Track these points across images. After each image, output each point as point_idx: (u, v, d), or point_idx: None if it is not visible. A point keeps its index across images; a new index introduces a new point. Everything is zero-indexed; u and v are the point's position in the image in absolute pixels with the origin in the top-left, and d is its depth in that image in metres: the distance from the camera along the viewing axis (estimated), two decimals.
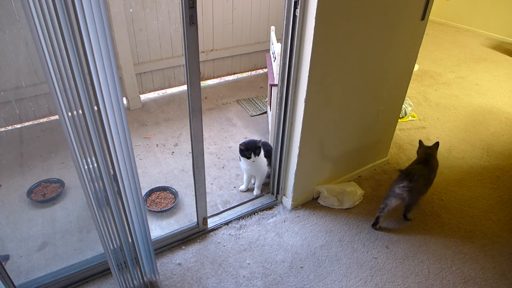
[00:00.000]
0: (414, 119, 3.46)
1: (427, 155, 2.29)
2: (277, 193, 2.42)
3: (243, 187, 2.50)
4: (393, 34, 2.13)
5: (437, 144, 2.34)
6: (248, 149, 2.22)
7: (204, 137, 2.26)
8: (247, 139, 2.33)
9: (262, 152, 2.30)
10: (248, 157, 2.23)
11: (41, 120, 3.11)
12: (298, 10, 1.77)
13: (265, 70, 4.32)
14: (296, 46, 1.86)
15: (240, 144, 2.27)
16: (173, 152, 2.85)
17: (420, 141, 2.39)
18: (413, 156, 2.92)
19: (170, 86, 3.74)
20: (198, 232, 2.15)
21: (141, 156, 2.79)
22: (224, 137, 3.08)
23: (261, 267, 1.98)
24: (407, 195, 2.13)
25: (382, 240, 2.18)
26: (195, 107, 1.70)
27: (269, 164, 2.40)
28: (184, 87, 3.68)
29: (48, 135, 2.97)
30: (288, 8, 1.81)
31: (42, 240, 2.06)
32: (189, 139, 1.82)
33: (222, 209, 2.33)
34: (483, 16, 5.85)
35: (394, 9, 2.03)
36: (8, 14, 2.65)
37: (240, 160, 2.37)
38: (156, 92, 3.70)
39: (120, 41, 3.06)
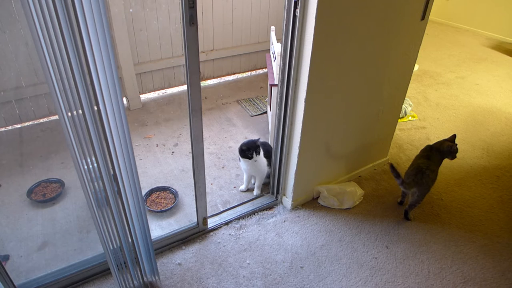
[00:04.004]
0: (414, 119, 3.46)
1: (433, 149, 2.29)
2: (277, 193, 2.42)
3: (243, 187, 2.50)
4: (393, 34, 2.13)
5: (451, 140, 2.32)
6: (250, 149, 2.22)
7: (204, 137, 2.26)
8: (245, 140, 2.32)
9: (261, 152, 2.30)
10: (250, 157, 2.23)
11: (41, 120, 3.11)
12: (298, 10, 1.77)
13: (265, 70, 4.32)
14: (296, 46, 1.86)
15: (241, 145, 2.26)
16: (173, 152, 2.85)
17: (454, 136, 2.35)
18: (413, 156, 2.93)
19: (170, 86, 3.74)
20: (198, 232, 2.15)
21: (141, 156, 2.79)
22: (224, 137, 3.08)
23: (261, 267, 1.98)
24: (417, 189, 2.18)
25: (382, 240, 2.18)
26: (195, 107, 1.70)
27: (269, 164, 2.40)
28: (184, 87, 3.68)
29: (48, 135, 2.97)
30: (288, 8, 1.81)
31: (42, 240, 2.06)
32: (189, 139, 1.82)
33: (222, 209, 2.33)
34: (483, 16, 5.85)
35: (394, 9, 2.03)
36: (8, 14, 2.65)
37: (240, 160, 2.37)
38: (156, 92, 3.70)
39: (120, 41, 3.06)
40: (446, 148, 2.27)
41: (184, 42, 1.52)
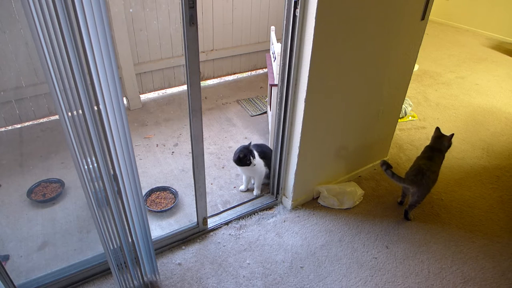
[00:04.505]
0: (414, 119, 3.46)
1: (434, 150, 2.29)
2: (277, 193, 2.42)
3: (243, 187, 2.50)
4: (393, 34, 2.13)
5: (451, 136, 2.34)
6: (246, 155, 2.22)
7: (204, 137, 2.26)
8: (236, 150, 2.32)
9: (256, 154, 2.30)
10: (249, 164, 2.23)
11: (41, 120, 3.11)
12: (298, 10, 1.77)
13: (265, 70, 4.32)
14: (296, 46, 1.86)
15: (237, 154, 2.25)
16: (173, 152, 2.85)
17: (437, 128, 2.39)
18: (413, 156, 2.92)
19: (170, 86, 3.74)
20: (198, 232, 2.15)
21: (141, 156, 2.79)
22: (224, 137, 3.08)
23: (261, 267, 1.98)
24: (417, 190, 2.17)
25: (382, 240, 2.18)
26: (195, 107, 1.70)
27: (266, 164, 2.39)
28: (184, 87, 3.68)
29: (48, 135, 2.97)
30: (288, 8, 1.81)
31: (42, 240, 2.06)
32: (189, 139, 1.82)
33: (222, 209, 2.33)
34: (483, 16, 5.85)
35: (394, 9, 2.03)
36: (8, 14, 2.65)
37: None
38: (156, 92, 3.70)
39: (120, 41, 3.06)
40: (447, 144, 2.30)
41: (184, 42, 1.52)
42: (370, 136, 2.55)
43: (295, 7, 1.78)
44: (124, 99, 3.41)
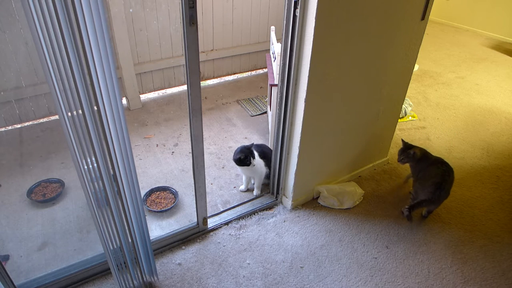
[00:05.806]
0: (414, 119, 3.46)
1: (444, 172, 2.29)
2: (277, 193, 2.42)
3: (243, 187, 2.50)
4: (393, 34, 2.13)
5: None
6: (247, 156, 2.22)
7: (204, 137, 2.26)
8: (237, 149, 2.31)
9: (256, 154, 2.30)
10: (249, 164, 2.23)
11: (41, 120, 3.11)
12: (298, 10, 1.77)
13: (265, 70, 4.32)
14: (296, 46, 1.86)
15: (237, 154, 2.25)
16: (173, 152, 2.85)
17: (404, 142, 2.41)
18: None
19: (170, 86, 3.74)
20: (198, 232, 2.15)
21: (141, 156, 2.79)
22: (224, 137, 3.08)
23: (261, 267, 1.98)
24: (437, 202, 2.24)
25: (382, 240, 2.18)
26: (195, 107, 1.70)
27: (266, 164, 2.39)
28: (184, 87, 3.68)
29: (48, 135, 2.97)
30: (288, 8, 1.81)
31: (42, 240, 2.06)
32: (189, 139, 1.82)
33: (222, 209, 2.33)
34: (483, 16, 5.85)
35: (394, 9, 2.03)
36: (8, 14, 2.65)
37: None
38: (156, 92, 3.70)
39: (120, 41, 3.06)
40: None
41: (184, 42, 1.52)
42: (370, 136, 2.55)
43: (295, 7, 1.78)
44: (124, 99, 3.41)
